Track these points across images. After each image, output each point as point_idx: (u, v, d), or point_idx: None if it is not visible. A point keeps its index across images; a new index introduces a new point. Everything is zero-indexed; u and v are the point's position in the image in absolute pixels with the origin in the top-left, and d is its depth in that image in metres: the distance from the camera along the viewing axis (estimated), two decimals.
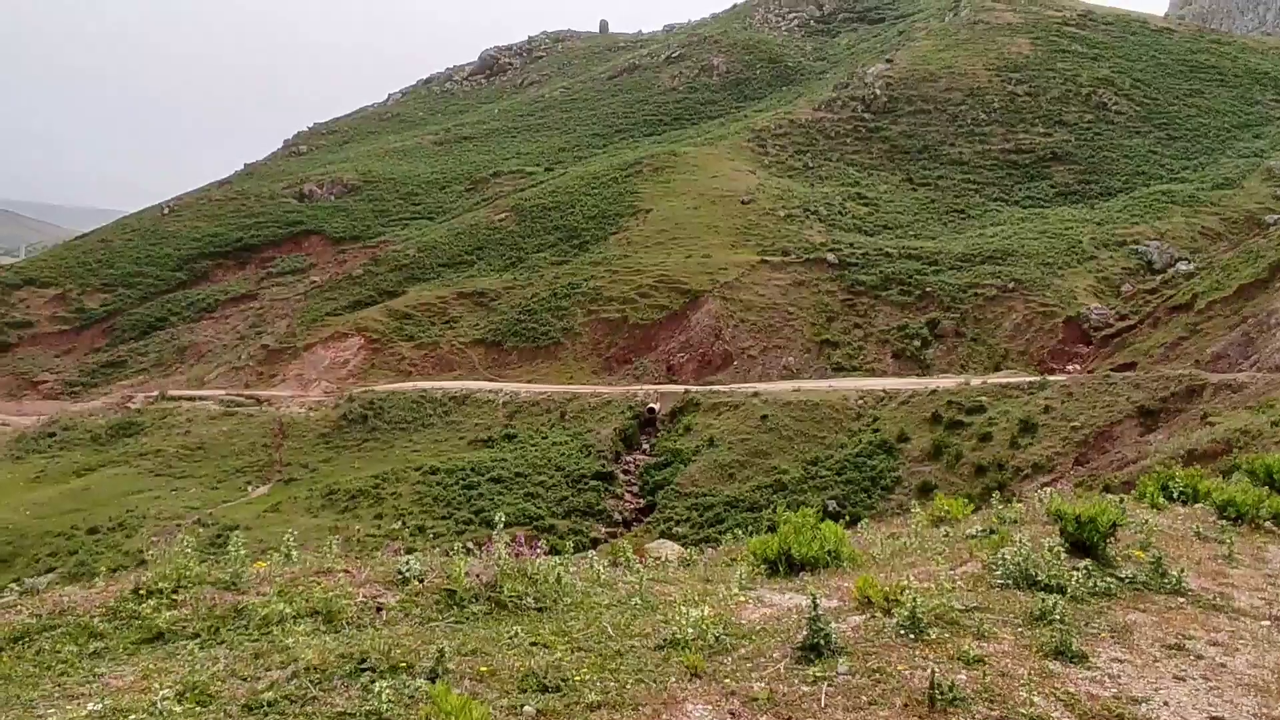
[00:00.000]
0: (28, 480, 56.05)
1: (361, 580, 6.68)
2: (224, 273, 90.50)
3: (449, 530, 41.92)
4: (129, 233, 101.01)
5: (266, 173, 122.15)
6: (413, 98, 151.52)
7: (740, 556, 9.33)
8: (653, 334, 61.14)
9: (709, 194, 75.70)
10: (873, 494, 42.28)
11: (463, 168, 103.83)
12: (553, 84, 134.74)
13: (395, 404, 57.03)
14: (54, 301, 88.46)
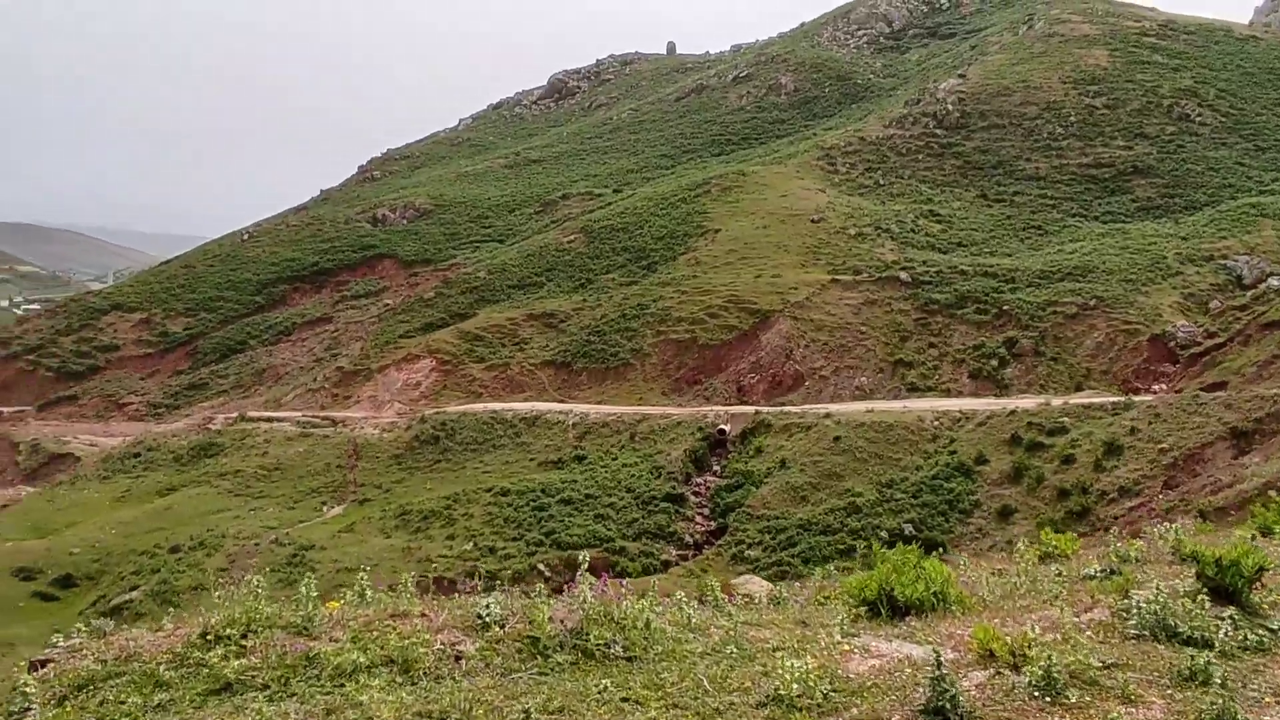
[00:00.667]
0: (114, 499, 57.48)
1: (439, 625, 6.25)
2: (300, 296, 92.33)
3: (519, 552, 41.83)
4: (210, 258, 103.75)
5: (341, 198, 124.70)
6: (483, 122, 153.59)
7: (833, 595, 8.74)
8: (722, 354, 60.55)
9: (778, 213, 75.01)
10: (950, 517, 41.07)
11: (532, 190, 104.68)
12: (620, 106, 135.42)
13: (466, 425, 57.28)
14: (139, 325, 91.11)
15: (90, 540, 50.35)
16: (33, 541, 51.38)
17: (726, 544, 41.80)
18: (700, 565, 40.38)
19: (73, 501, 58.01)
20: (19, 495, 63.54)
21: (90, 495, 58.66)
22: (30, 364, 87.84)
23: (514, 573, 40.39)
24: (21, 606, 45.52)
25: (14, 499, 62.78)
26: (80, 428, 76.62)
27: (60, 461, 68.73)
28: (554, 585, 39.58)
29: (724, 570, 39.76)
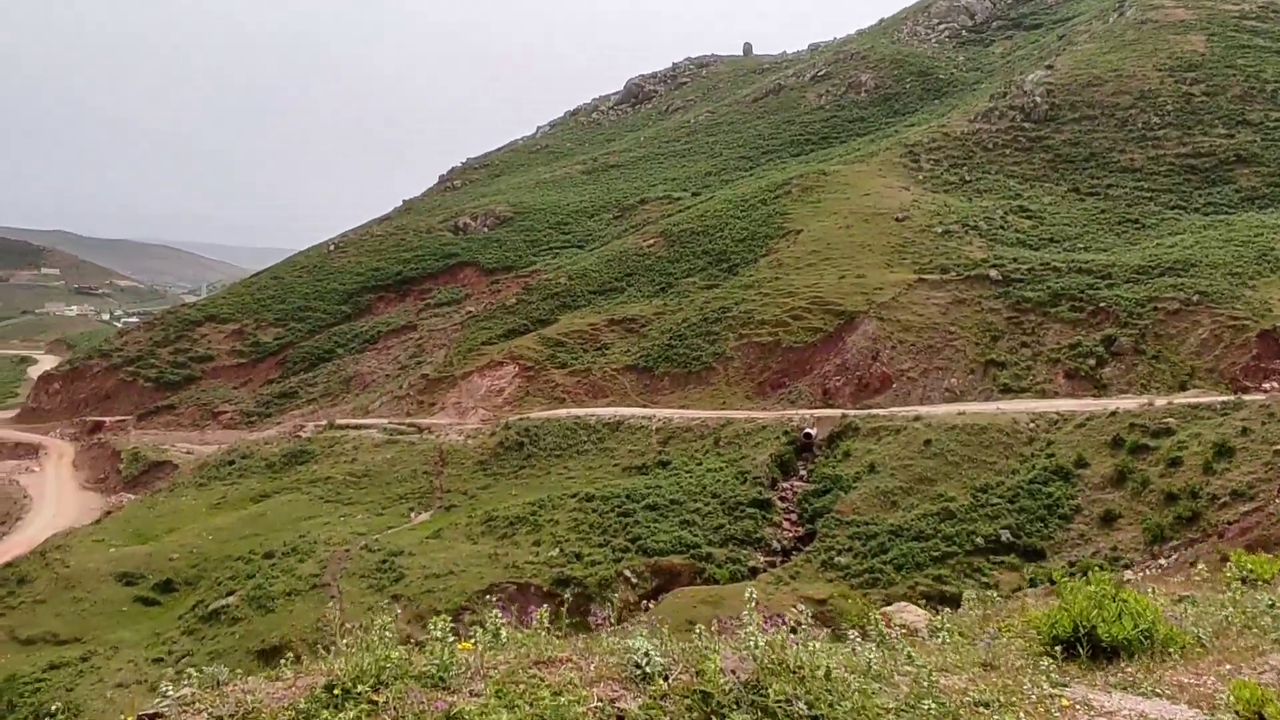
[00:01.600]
0: (210, 506, 58.98)
1: (592, 675, 5.52)
2: (385, 305, 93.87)
3: (606, 558, 41.60)
4: (299, 269, 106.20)
5: (423, 208, 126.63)
6: (561, 129, 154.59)
7: (1003, 627, 7.85)
8: (807, 357, 59.61)
9: (861, 212, 73.71)
10: (1049, 523, 39.65)
11: (611, 195, 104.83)
12: (697, 109, 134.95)
13: (550, 431, 57.38)
14: (232, 336, 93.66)
15: (188, 546, 51.70)
16: (134, 547, 52.96)
17: (816, 550, 40.96)
18: (789, 572, 39.68)
19: (171, 508, 59.68)
20: (121, 502, 65.69)
21: (188, 502, 60.29)
22: (130, 375, 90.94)
23: (600, 579, 40.25)
24: (125, 611, 46.92)
25: (117, 506, 64.93)
26: (177, 436, 78.99)
27: (159, 469, 70.89)
28: (641, 592, 39.21)
29: (814, 577, 39.04)
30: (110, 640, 43.86)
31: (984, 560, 37.97)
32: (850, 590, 37.53)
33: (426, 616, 35.42)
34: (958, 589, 36.05)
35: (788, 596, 37.08)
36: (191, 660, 39.95)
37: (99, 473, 74.74)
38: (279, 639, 39.34)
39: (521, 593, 40.38)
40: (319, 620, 40.24)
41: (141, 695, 37.99)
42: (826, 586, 37.83)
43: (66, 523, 62.48)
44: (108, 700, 37.37)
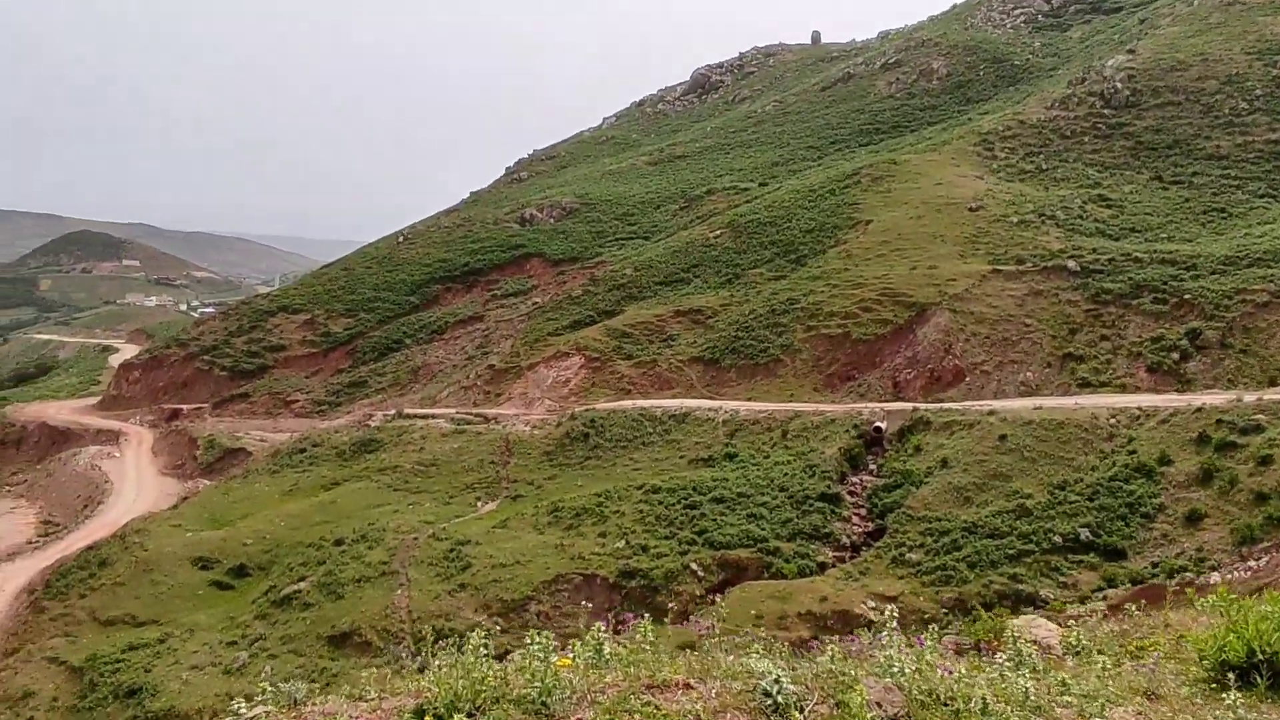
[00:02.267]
0: (282, 493, 60.01)
1: (715, 704, 4.91)
2: (452, 296, 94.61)
3: (672, 550, 41.31)
4: (369, 261, 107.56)
5: (490, 199, 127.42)
6: (627, 120, 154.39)
7: (1147, 644, 7.05)
8: (877, 349, 58.58)
9: (933, 202, 72.20)
10: (1131, 522, 38.31)
11: (677, 186, 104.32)
12: (764, 98, 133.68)
13: (616, 422, 57.24)
14: (304, 326, 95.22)
15: (261, 532, 52.64)
16: (210, 532, 54.09)
17: (886, 546, 40.17)
18: (859, 568, 38.97)
19: (245, 495, 60.85)
20: (198, 488, 67.19)
21: (261, 489, 61.41)
22: (206, 364, 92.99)
23: (666, 572, 39.99)
24: (200, 594, 47.93)
25: (193, 491, 66.43)
26: (251, 424, 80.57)
27: (234, 456, 72.38)
28: (707, 585, 38.85)
29: (884, 574, 38.29)
30: (186, 623, 44.84)
31: (1062, 559, 36.87)
32: (922, 587, 36.75)
33: (494, 606, 35.65)
34: (1034, 588, 35.11)
35: (857, 593, 36.48)
36: (264, 644, 40.65)
37: (176, 459, 76.58)
38: (349, 625, 39.86)
39: (588, 584, 40.30)
40: (388, 607, 40.69)
41: (216, 678, 38.79)
42: (897, 583, 37.09)
43: (145, 507, 64.12)
44: (184, 682, 38.21)
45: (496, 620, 38.99)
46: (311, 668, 37.82)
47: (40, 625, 47.21)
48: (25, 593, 51.57)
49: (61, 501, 70.05)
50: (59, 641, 44.93)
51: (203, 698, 36.61)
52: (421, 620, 39.30)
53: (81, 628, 46.15)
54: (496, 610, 39.31)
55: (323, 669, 37.68)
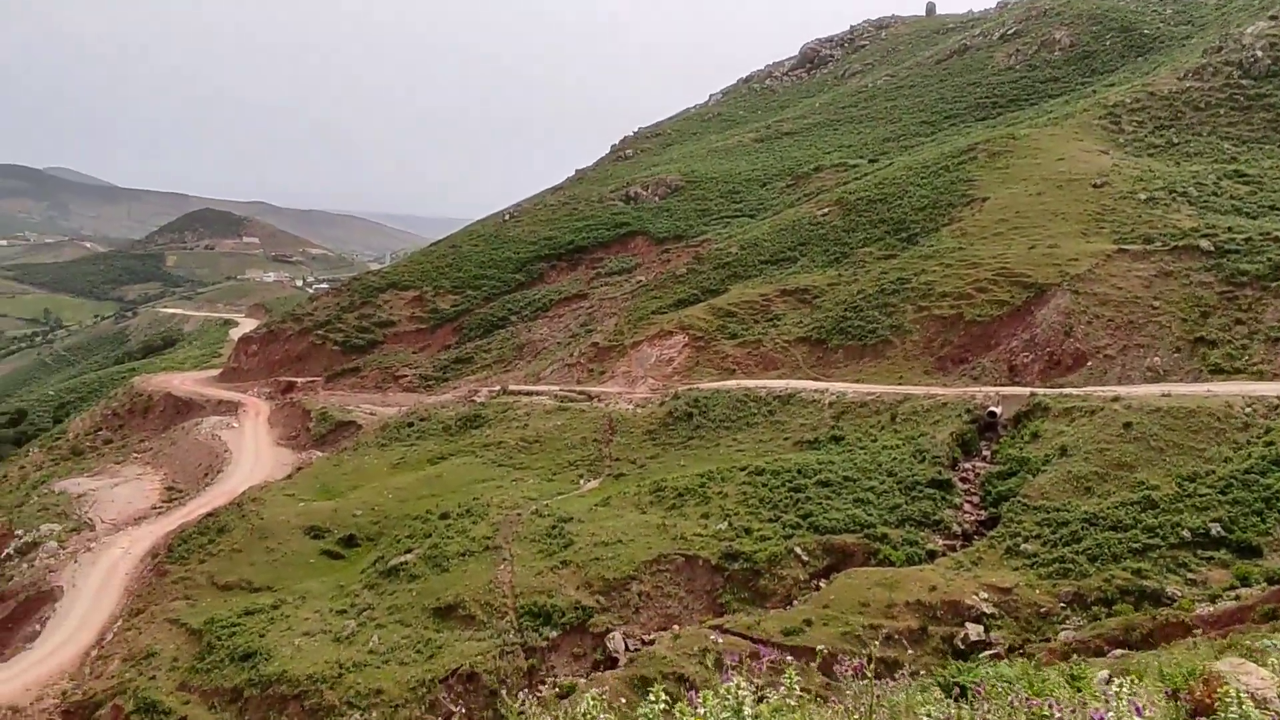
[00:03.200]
0: (390, 466, 61.23)
1: None
2: (557, 274, 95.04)
3: (775, 534, 40.54)
4: (475, 239, 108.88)
5: (595, 177, 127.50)
6: (733, 97, 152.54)
7: None
8: (992, 331, 56.44)
9: (1054, 178, 69.13)
10: (1268, 517, 35.92)
11: (784, 163, 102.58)
12: (876, 73, 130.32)
13: (719, 402, 56.59)
14: (412, 302, 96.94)
15: (370, 504, 53.79)
16: (321, 502, 55.54)
17: (999, 535, 38.61)
18: (970, 557, 37.55)
19: (355, 467, 62.29)
20: (310, 459, 69.09)
21: (370, 461, 62.78)
22: (319, 338, 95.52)
23: (770, 555, 39.26)
24: (312, 563, 49.25)
25: (306, 462, 68.35)
26: (362, 398, 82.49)
27: (345, 429, 74.19)
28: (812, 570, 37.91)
29: (997, 565, 36.83)
30: (298, 590, 46.13)
31: (1190, 555, 34.82)
32: (1038, 580, 35.19)
33: (595, 584, 35.42)
34: (1160, 585, 33.25)
35: (969, 583, 35.17)
36: (372, 614, 41.49)
37: (291, 430, 78.91)
38: (453, 598, 40.33)
39: (689, 565, 39.89)
40: (491, 582, 41.04)
41: (326, 645, 39.75)
42: (1011, 575, 35.61)
43: (261, 477, 66.25)
44: (296, 648, 39.25)
45: (598, 598, 38.97)
46: (417, 639, 38.45)
47: (163, 588, 49.23)
48: (150, 556, 53.86)
49: (184, 469, 72.95)
50: (180, 604, 46.75)
51: (313, 664, 37.56)
52: (523, 596, 39.52)
53: (201, 591, 47.94)
54: (598, 588, 39.22)
55: (428, 640, 38.26)
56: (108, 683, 41.88)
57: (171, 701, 39.00)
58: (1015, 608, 33.67)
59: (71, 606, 49.90)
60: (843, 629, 33.37)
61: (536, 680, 36.31)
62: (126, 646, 44.49)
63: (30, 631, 49.34)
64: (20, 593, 53.43)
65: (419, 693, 34.85)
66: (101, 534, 60.50)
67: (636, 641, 36.74)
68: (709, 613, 37.67)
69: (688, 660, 32.95)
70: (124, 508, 65.52)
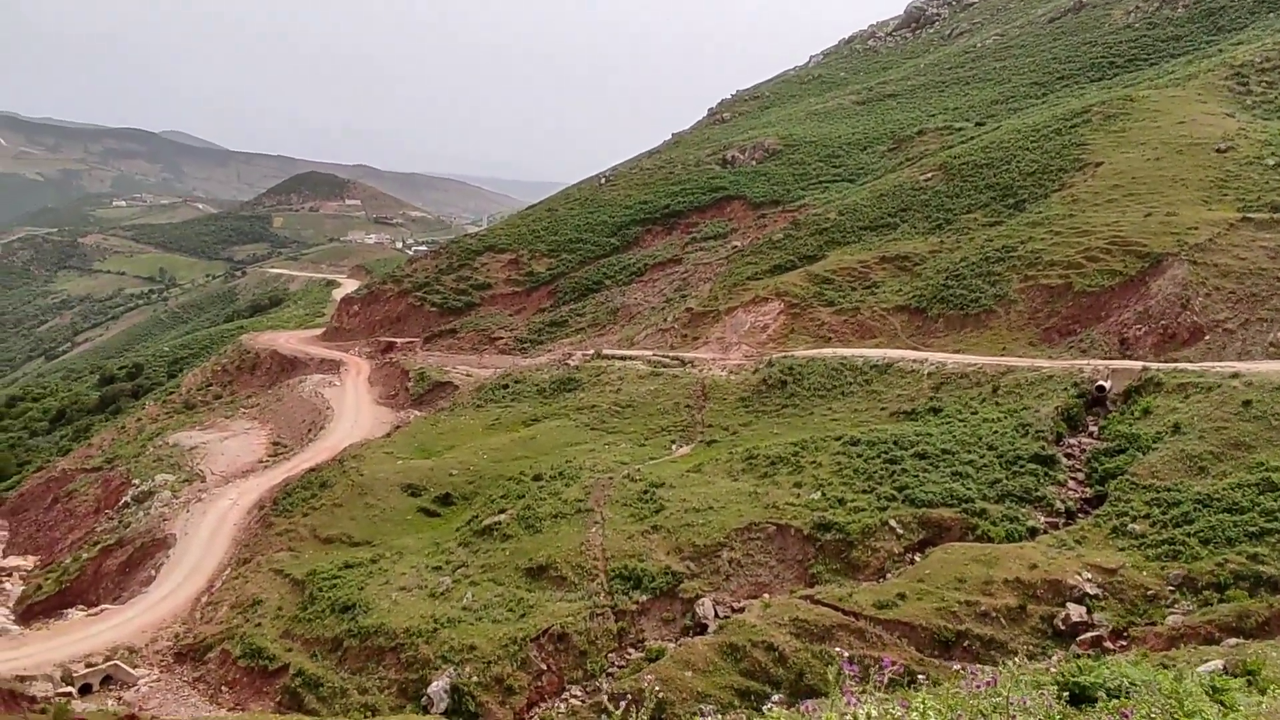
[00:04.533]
0: (485, 427, 62.13)
1: None
2: (652, 238, 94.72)
3: (870, 505, 39.86)
4: (571, 202, 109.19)
5: (692, 141, 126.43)
6: (834, 58, 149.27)
7: None
8: (1103, 302, 54.26)
9: (1173, 142, 65.85)
10: None
11: (885, 127, 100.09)
12: (984, 32, 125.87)
13: (814, 370, 55.80)
14: (509, 265, 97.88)
15: (466, 463, 54.69)
16: (419, 461, 56.70)
17: (1105, 514, 37.24)
18: (1074, 536, 36.32)
19: (451, 426, 63.39)
20: (408, 418, 70.61)
21: (466, 421, 63.80)
22: (418, 300, 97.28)
23: (863, 527, 38.64)
24: (409, 519, 50.39)
25: (404, 421, 69.87)
26: (458, 359, 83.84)
27: (441, 389, 75.56)
28: (906, 544, 37.21)
29: (1102, 544, 35.58)
30: (396, 546, 47.28)
31: None
32: (1145, 561, 33.87)
33: (685, 550, 35.34)
34: (1277, 571, 31.66)
35: (1072, 562, 34.05)
36: (466, 571, 42.27)
37: (390, 390, 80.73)
38: (545, 558, 40.80)
39: (780, 534, 39.55)
40: (582, 544, 41.38)
41: (422, 600, 40.70)
42: (1117, 555, 34.33)
43: (362, 434, 67.99)
44: (393, 602, 40.27)
45: (688, 564, 38.97)
46: (510, 597, 39.05)
47: (269, 539, 51.01)
48: (257, 508, 55.84)
49: (289, 425, 75.32)
50: (284, 555, 48.39)
51: (409, 618, 38.48)
52: (614, 559, 39.75)
53: (304, 544, 49.52)
54: (688, 554, 39.21)
55: (520, 599, 38.83)
56: (216, 628, 43.70)
57: (276, 648, 40.47)
58: (1120, 589, 32.49)
59: (184, 554, 52.13)
60: (937, 604, 32.68)
61: (626, 643, 36.58)
62: (234, 594, 46.30)
63: (146, 576, 51.74)
64: (137, 539, 56.02)
65: (510, 650, 35.41)
66: (212, 485, 63.00)
67: (726, 609, 36.66)
68: (800, 583, 37.33)
69: (778, 630, 32.72)
70: (233, 460, 68.08)
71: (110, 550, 56.58)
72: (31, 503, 77.89)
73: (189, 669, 42.16)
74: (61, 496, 73.90)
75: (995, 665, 28.90)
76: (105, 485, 70.73)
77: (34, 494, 79.29)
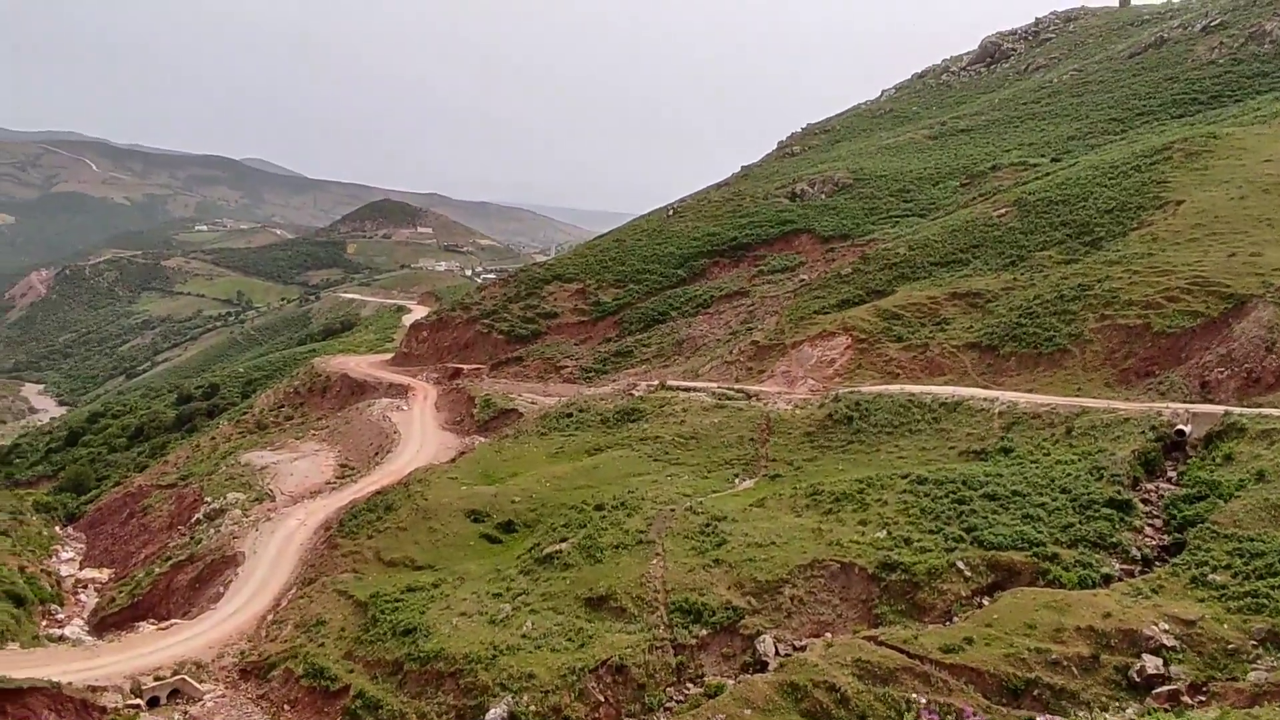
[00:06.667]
0: (549, 455, 62.30)
1: None
2: (719, 270, 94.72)
3: (937, 546, 39.01)
4: (639, 233, 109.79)
5: (760, 174, 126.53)
6: (906, 92, 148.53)
7: None
8: (1182, 344, 52.75)
9: (1259, 181, 64.06)
10: None
11: (958, 162, 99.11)
12: (1062, 67, 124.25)
13: (881, 406, 55.01)
14: (575, 295, 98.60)
15: (528, 491, 54.86)
16: (482, 487, 57.03)
17: (1184, 563, 35.93)
18: (1150, 584, 35.08)
19: (515, 454, 63.69)
20: (473, 444, 71.15)
21: (530, 449, 64.06)
22: (486, 327, 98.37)
23: (930, 568, 37.81)
24: (471, 545, 50.64)
25: (469, 447, 70.41)
26: (524, 386, 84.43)
27: (506, 416, 76.05)
28: (974, 587, 36.32)
29: (1181, 594, 34.33)
30: (458, 571, 47.51)
31: None
32: (1226, 614, 32.54)
33: (747, 585, 34.96)
34: None
35: (1148, 612, 32.86)
36: (526, 599, 42.28)
37: (456, 415, 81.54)
38: (605, 589, 40.62)
39: (844, 572, 38.87)
40: (643, 575, 41.13)
41: (482, 626, 40.78)
42: (1196, 606, 33.04)
43: (427, 459, 68.70)
44: (454, 627, 40.41)
45: (749, 599, 38.49)
46: (569, 627, 38.92)
47: (334, 560, 51.66)
48: (323, 529, 56.65)
49: (356, 447, 76.44)
50: (348, 577, 48.93)
51: (469, 644, 38.56)
52: (675, 592, 39.43)
53: (368, 566, 50.03)
54: (750, 589, 38.73)
55: (579, 629, 38.67)
56: (281, 646, 44.26)
57: (338, 669, 40.85)
58: (1199, 642, 31.25)
59: (251, 572, 53.03)
60: (1006, 650, 31.76)
61: (685, 678, 36.18)
62: (299, 613, 46.90)
63: (214, 593, 52.72)
64: (208, 555, 57.19)
65: (569, 680, 35.25)
66: (280, 505, 64.13)
67: (787, 646, 36.08)
68: (863, 622, 36.61)
69: (840, 670, 32.09)
70: (301, 481, 69.27)
71: (181, 566, 57.83)
72: (108, 517, 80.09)
73: (253, 686, 42.73)
74: (137, 511, 75.89)
75: (1066, 716, 28.13)
76: (179, 502, 72.46)
77: (111, 508, 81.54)
